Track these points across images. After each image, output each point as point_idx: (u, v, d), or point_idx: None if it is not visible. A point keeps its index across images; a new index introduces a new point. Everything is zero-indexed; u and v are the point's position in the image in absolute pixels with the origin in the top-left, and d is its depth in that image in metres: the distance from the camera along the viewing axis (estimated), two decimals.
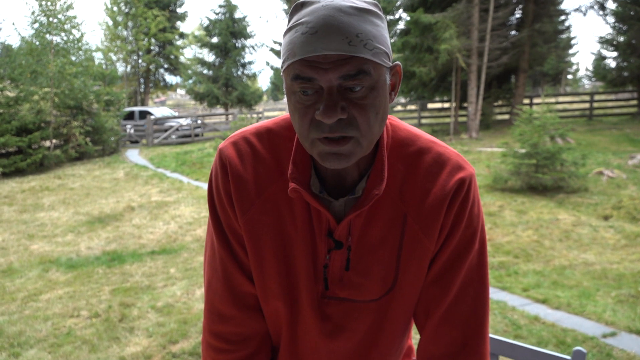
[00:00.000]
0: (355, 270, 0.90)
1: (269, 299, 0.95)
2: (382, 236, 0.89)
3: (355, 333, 0.95)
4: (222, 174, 0.92)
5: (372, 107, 0.78)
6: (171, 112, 22.45)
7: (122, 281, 5.03)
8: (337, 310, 0.93)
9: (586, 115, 19.66)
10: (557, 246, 5.92)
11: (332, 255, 0.90)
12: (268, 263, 0.92)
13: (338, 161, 0.79)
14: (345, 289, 0.91)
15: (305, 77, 0.77)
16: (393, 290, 0.91)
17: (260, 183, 0.90)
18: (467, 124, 16.67)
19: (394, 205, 0.88)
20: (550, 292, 4.56)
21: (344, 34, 0.74)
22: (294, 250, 0.91)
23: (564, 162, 8.20)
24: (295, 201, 0.90)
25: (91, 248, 6.31)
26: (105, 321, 4.07)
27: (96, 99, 15.87)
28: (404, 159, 0.89)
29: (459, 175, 0.88)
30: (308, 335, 0.95)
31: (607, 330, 3.80)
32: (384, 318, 0.94)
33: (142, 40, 28.04)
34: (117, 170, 12.86)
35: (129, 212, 8.23)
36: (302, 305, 0.93)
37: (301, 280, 0.92)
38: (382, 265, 0.90)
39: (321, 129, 0.78)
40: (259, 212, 0.90)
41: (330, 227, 0.89)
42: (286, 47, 0.79)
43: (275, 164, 0.91)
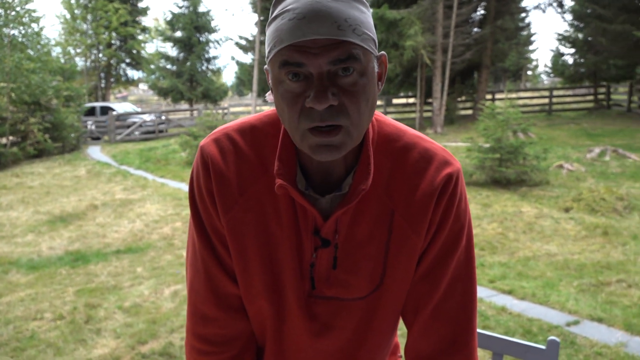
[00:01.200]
0: (342, 268, 0.89)
1: (253, 298, 0.93)
2: (369, 233, 0.88)
3: (343, 331, 0.93)
4: (203, 172, 0.89)
5: (363, 94, 0.77)
6: (134, 108, 21.98)
7: (87, 282, 4.90)
8: (324, 309, 0.91)
9: (546, 111, 20.22)
10: (521, 238, 6.07)
11: (319, 253, 0.88)
12: (252, 262, 0.90)
13: (329, 153, 0.77)
14: (332, 288, 0.90)
15: (294, 63, 0.74)
16: (381, 287, 0.90)
17: (243, 181, 0.88)
18: (432, 119, 16.91)
19: (381, 202, 0.87)
20: (515, 283, 4.67)
21: (333, 18, 0.73)
22: (278, 249, 0.89)
23: (527, 156, 8.41)
24: (279, 199, 0.87)
25: (53, 248, 6.13)
26: (70, 323, 3.95)
27: (55, 94, 15.38)
28: (390, 154, 0.88)
29: (446, 171, 0.87)
30: (294, 334, 0.94)
31: (570, 319, 3.92)
32: (372, 316, 0.93)
33: (103, 34, 27.33)
34: (78, 167, 12.51)
35: (92, 210, 8.02)
36: (288, 305, 0.91)
37: (287, 279, 0.90)
38: (370, 262, 0.88)
39: (311, 118, 0.75)
40: (242, 211, 0.88)
41: (317, 224, 0.87)
42: (272, 36, 0.77)
43: (258, 161, 0.88)
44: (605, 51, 18.95)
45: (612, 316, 3.90)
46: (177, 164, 12.23)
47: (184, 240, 6.21)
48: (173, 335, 3.65)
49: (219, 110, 20.58)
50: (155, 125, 18.56)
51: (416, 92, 17.90)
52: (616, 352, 3.39)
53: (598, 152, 10.78)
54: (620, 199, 7.11)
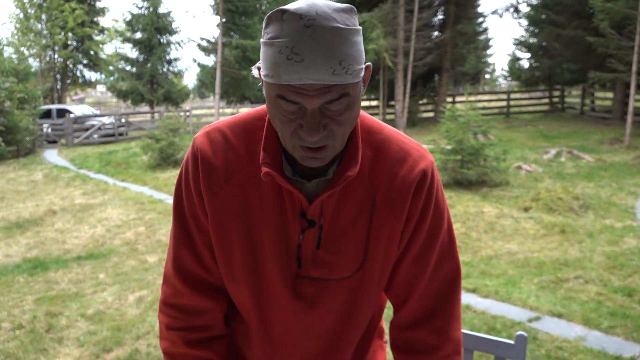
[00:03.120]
0: (326, 249, 0.95)
1: (236, 280, 0.99)
2: (353, 216, 0.95)
3: (329, 311, 0.99)
4: (192, 161, 0.97)
5: (349, 120, 0.85)
6: (92, 111, 21.40)
7: (47, 289, 4.75)
8: (310, 289, 0.98)
9: (504, 113, 20.78)
10: (484, 237, 6.22)
11: (306, 235, 0.94)
12: (235, 246, 0.96)
13: (315, 163, 0.87)
14: (318, 269, 0.96)
15: (290, 101, 0.82)
16: (363, 268, 0.97)
17: (230, 169, 0.95)
18: (395, 121, 17.13)
19: (364, 188, 0.95)
20: (479, 282, 4.79)
21: (329, 63, 0.78)
22: (262, 233, 0.95)
23: (487, 157, 8.63)
24: (265, 185, 0.94)
25: (9, 255, 5.91)
26: (30, 332, 3.82)
27: (8, 96, 14.84)
28: (372, 145, 0.96)
29: (422, 164, 0.96)
30: (281, 314, 0.99)
31: (532, 315, 4.05)
32: (355, 296, 0.99)
33: (58, 34, 26.53)
34: (34, 172, 12.10)
35: (51, 216, 7.77)
36: (273, 286, 0.97)
37: (271, 261, 0.96)
38: (353, 244, 0.95)
39: (302, 141, 0.84)
40: (227, 197, 0.95)
41: (303, 207, 0.93)
42: (269, 63, 0.81)
43: (245, 150, 0.95)
44: (559, 56, 19.63)
45: (571, 311, 4.04)
46: (139, 168, 11.98)
47: (147, 245, 6.10)
48: (139, 342, 3.58)
49: (181, 113, 20.28)
50: (115, 128, 18.13)
51: (379, 94, 18.09)
52: (575, 345, 3.52)
53: (554, 153, 11.15)
54: (576, 198, 7.38)
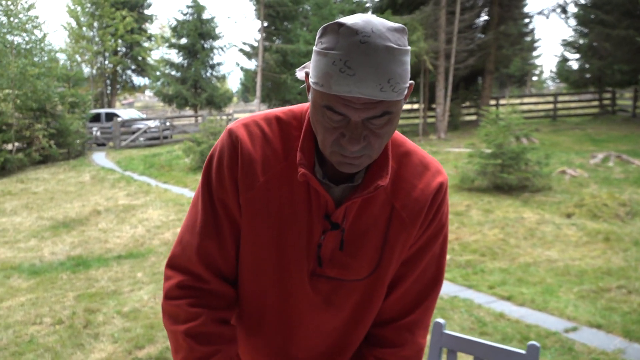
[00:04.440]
0: (345, 251, 0.99)
1: (260, 270, 1.02)
2: (372, 222, 0.99)
3: (342, 310, 1.03)
4: (230, 152, 0.99)
5: (387, 134, 0.90)
6: (139, 114, 22.10)
7: (87, 287, 4.93)
8: (325, 288, 1.01)
9: (550, 116, 20.17)
10: (522, 244, 6.06)
11: (327, 236, 0.98)
12: (263, 238, 0.99)
13: (351, 169, 0.91)
14: (334, 269, 1.00)
15: (337, 112, 0.86)
16: (377, 270, 1.01)
17: (267, 163, 0.98)
18: (436, 125, 16.91)
19: (386, 196, 0.99)
20: (515, 289, 4.66)
21: (378, 79, 0.82)
22: (290, 228, 0.98)
23: (528, 161, 8.39)
24: (295, 184, 0.98)
25: (55, 253, 6.17)
26: (69, 328, 3.98)
27: (60, 100, 15.49)
28: (396, 157, 1.01)
29: (439, 179, 1.02)
30: (297, 309, 1.03)
31: (569, 325, 3.91)
32: (368, 297, 1.03)
33: (109, 41, 27.52)
34: (82, 173, 12.59)
35: (95, 216, 8.06)
36: (292, 280, 1.00)
37: (294, 256, 0.99)
38: (370, 247, 1.00)
39: (343, 149, 0.88)
40: (262, 190, 0.98)
41: (328, 209, 0.98)
42: (321, 72, 0.85)
43: (281, 147, 0.99)
44: (609, 56, 18.88)
45: (611, 322, 3.88)
46: (181, 170, 12.28)
47: None
48: None
49: (223, 117, 20.67)
50: (160, 132, 18.64)
51: (419, 97, 17.91)
52: (614, 358, 3.38)
53: (602, 158, 10.74)
54: (623, 204, 7.08)
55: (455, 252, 5.83)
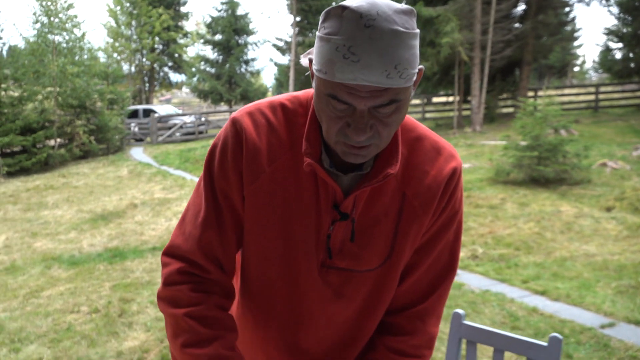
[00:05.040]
0: (356, 242, 0.96)
1: (268, 263, 0.99)
2: (383, 211, 0.96)
3: (353, 301, 1.01)
4: (235, 142, 0.95)
5: (395, 123, 0.86)
6: (175, 110, 22.50)
7: (123, 277, 5.06)
8: (336, 279, 0.99)
9: (592, 107, 19.51)
10: (559, 238, 5.90)
11: (336, 226, 0.95)
12: (270, 230, 0.97)
13: (357, 159, 0.87)
14: (344, 259, 0.97)
15: (341, 100, 0.82)
16: (389, 260, 0.98)
17: (272, 153, 0.95)
18: (471, 117, 16.61)
19: (396, 183, 0.96)
20: (550, 284, 4.55)
21: (384, 66, 0.78)
22: (297, 220, 0.95)
23: (567, 154, 8.15)
24: (302, 173, 0.94)
25: (93, 245, 6.36)
26: (104, 316, 4.10)
27: (100, 97, 15.93)
28: (406, 142, 0.97)
29: (452, 164, 0.98)
30: (307, 301, 1.00)
31: (605, 321, 3.79)
32: (380, 287, 1.00)
33: (146, 39, 28.11)
34: (121, 168, 12.92)
35: (132, 209, 8.27)
36: (301, 272, 0.98)
37: (302, 248, 0.96)
38: (381, 237, 0.97)
39: (348, 138, 0.84)
40: (267, 181, 0.95)
41: (337, 199, 0.94)
42: (324, 59, 0.81)
43: (287, 136, 0.96)
44: None
45: None
46: None
47: None
48: None
49: None
50: (195, 127, 18.94)
51: (454, 90, 17.61)
52: None
53: None
54: None
55: (489, 245, 5.73)
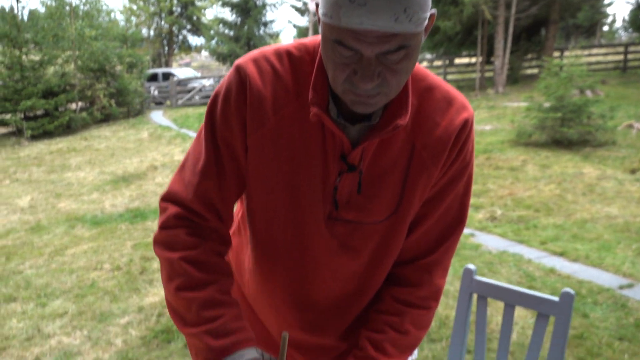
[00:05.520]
0: (363, 194, 0.94)
1: (274, 215, 0.97)
2: (391, 162, 0.93)
3: (360, 253, 0.99)
4: (239, 89, 0.92)
5: (405, 70, 0.82)
6: (194, 73, 22.46)
7: (144, 236, 5.16)
8: (343, 232, 0.97)
9: (620, 68, 18.90)
10: (580, 200, 5.81)
11: (343, 178, 0.93)
12: (275, 181, 0.94)
13: (365, 108, 0.84)
14: (351, 212, 0.95)
15: (347, 46, 0.78)
16: (397, 212, 0.96)
17: (277, 102, 0.91)
18: (494, 78, 16.23)
19: (405, 134, 0.93)
20: (569, 245, 4.51)
21: (392, 9, 0.74)
22: (303, 171, 0.93)
23: (591, 115, 7.95)
24: (308, 123, 0.91)
25: (115, 206, 6.48)
26: (126, 273, 4.21)
27: (119, 61, 15.96)
28: (417, 92, 0.93)
29: (464, 115, 0.94)
30: (314, 253, 0.99)
31: (624, 282, 3.76)
32: (387, 239, 0.99)
33: (165, 1, 27.86)
34: (141, 131, 13.03)
35: (152, 171, 8.37)
36: (308, 225, 0.96)
37: (309, 200, 0.94)
38: (389, 189, 0.94)
39: (355, 87, 0.81)
40: (272, 131, 0.92)
41: (344, 150, 0.92)
42: (330, 2, 0.77)
43: (293, 85, 0.92)
44: None
45: None
46: None
47: None
48: None
49: None
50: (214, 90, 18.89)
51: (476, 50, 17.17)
52: None
53: None
54: None
55: (508, 207, 5.67)
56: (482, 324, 1.50)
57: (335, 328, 1.06)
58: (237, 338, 0.89)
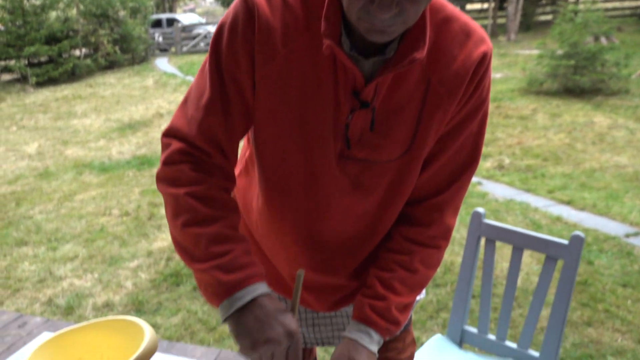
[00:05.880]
0: (376, 132, 0.91)
1: (284, 153, 0.94)
2: (406, 98, 0.89)
3: (372, 193, 0.97)
4: (246, 19, 0.86)
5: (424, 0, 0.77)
6: (199, 19, 21.96)
7: (151, 183, 5.19)
8: (354, 170, 0.94)
9: (636, 15, 18.29)
10: (590, 149, 5.75)
11: (355, 115, 0.89)
12: (284, 118, 0.90)
13: (382, 37, 0.79)
14: (364, 150, 0.92)
15: None
16: (410, 150, 0.93)
17: (287, 34, 0.86)
18: (506, 25, 15.79)
19: (421, 68, 0.88)
20: (576, 194, 4.49)
21: None
22: (314, 107, 0.89)
23: (605, 62, 7.75)
24: (320, 56, 0.86)
25: (122, 153, 6.49)
26: (134, 219, 4.25)
27: (122, 6, 15.59)
28: (434, 24, 0.88)
29: (482, 48, 0.89)
30: (324, 192, 0.96)
31: (630, 231, 3.76)
32: (400, 178, 0.96)
33: None
34: (146, 78, 12.88)
35: (158, 118, 8.33)
36: (319, 163, 0.93)
37: (320, 137, 0.91)
38: (403, 126, 0.91)
39: (372, 16, 0.76)
40: (282, 64, 0.87)
41: (357, 86, 0.87)
42: None
43: (304, 16, 0.86)
44: None
45: None
46: None
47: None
48: None
49: None
50: None
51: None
52: None
53: None
54: None
55: (516, 156, 5.63)
56: (489, 267, 1.50)
57: (345, 267, 1.05)
58: (248, 273, 0.87)
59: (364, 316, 0.95)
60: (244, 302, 0.85)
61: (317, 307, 1.12)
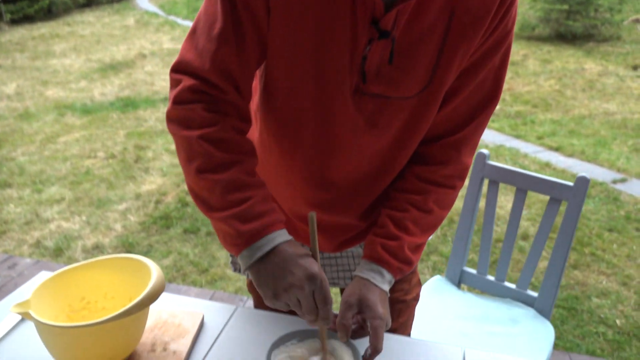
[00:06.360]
0: (394, 65, 0.85)
1: (298, 87, 0.88)
2: (428, 29, 0.82)
3: (387, 131, 0.92)
4: None
5: None
6: None
7: (137, 125, 5.08)
8: (370, 107, 0.89)
9: None
10: (579, 96, 5.74)
11: (373, 46, 0.83)
12: (299, 49, 0.84)
13: None
14: (381, 84, 0.86)
15: None
16: (429, 87, 0.87)
17: None
18: None
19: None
20: (565, 140, 4.51)
21: None
22: (330, 37, 0.82)
23: (599, 7, 7.63)
24: None
25: (105, 94, 6.30)
26: (121, 162, 4.17)
27: None
28: None
29: None
30: (338, 129, 0.91)
31: (617, 177, 3.80)
32: (417, 117, 0.91)
33: None
34: (126, 17, 12.39)
35: (141, 59, 8.07)
36: (333, 98, 0.87)
37: (335, 70, 0.85)
38: (423, 60, 0.85)
39: None
40: None
41: (376, 14, 0.80)
42: None
43: None
44: None
45: None
46: None
47: None
48: None
49: None
50: None
51: None
52: None
53: None
54: None
55: (506, 102, 5.60)
56: (491, 209, 1.49)
57: (355, 207, 1.03)
58: (267, 221, 0.84)
59: (377, 255, 0.93)
60: (264, 252, 0.82)
61: (323, 248, 1.10)
